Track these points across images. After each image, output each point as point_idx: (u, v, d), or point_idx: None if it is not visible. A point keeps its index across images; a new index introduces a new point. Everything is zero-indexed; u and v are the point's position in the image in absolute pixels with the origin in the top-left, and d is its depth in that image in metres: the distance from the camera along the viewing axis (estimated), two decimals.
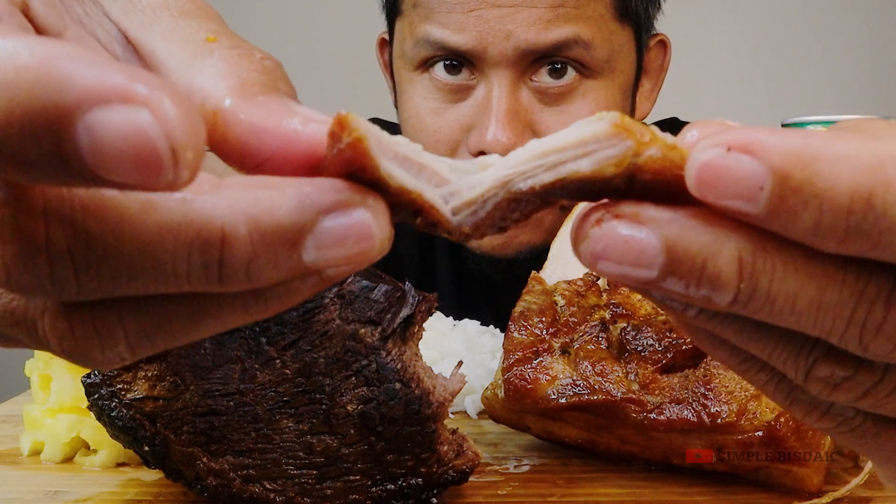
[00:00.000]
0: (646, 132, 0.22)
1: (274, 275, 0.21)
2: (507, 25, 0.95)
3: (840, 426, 0.25)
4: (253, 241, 0.20)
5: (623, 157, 0.21)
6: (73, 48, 0.18)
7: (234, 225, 0.20)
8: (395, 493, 0.54)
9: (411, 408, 0.54)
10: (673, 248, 0.21)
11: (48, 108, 0.18)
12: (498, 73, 0.97)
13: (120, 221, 0.20)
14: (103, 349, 0.22)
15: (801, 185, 0.20)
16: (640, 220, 0.21)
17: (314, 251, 0.21)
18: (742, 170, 0.20)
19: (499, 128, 0.95)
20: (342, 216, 0.21)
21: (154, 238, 0.20)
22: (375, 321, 0.55)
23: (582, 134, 0.22)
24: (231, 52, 0.24)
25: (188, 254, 0.20)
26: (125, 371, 0.53)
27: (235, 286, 0.21)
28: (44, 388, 0.67)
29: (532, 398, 0.61)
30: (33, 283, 0.21)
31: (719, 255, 0.21)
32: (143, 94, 0.18)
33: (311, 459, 0.53)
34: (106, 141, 0.18)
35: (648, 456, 0.62)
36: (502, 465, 0.65)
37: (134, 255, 0.20)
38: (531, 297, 0.67)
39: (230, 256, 0.20)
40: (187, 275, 0.20)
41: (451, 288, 1.22)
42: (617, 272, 0.22)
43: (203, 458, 0.52)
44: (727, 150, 0.20)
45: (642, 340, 0.62)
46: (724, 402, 0.58)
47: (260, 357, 0.53)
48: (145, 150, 0.18)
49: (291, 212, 0.21)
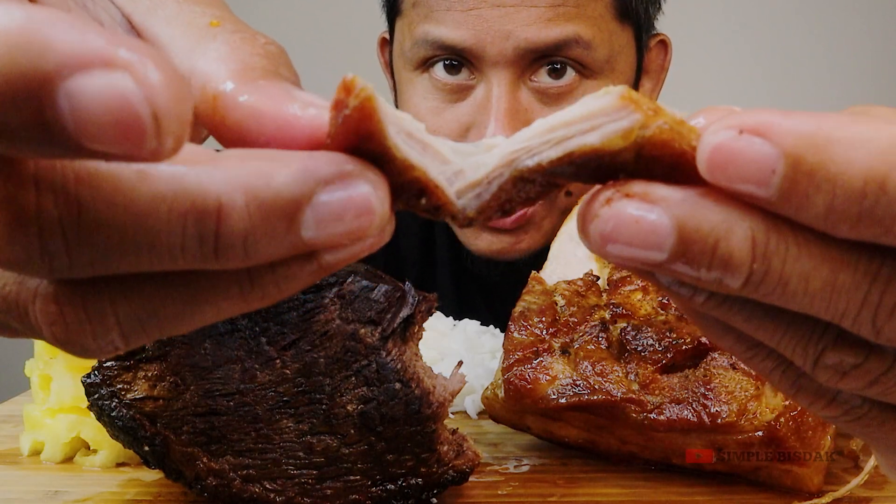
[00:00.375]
0: (654, 105, 0.21)
1: (272, 249, 0.20)
2: (506, 25, 0.95)
3: (846, 414, 0.25)
4: (250, 213, 0.20)
5: (631, 129, 0.21)
6: (54, 12, 0.17)
7: (230, 195, 0.19)
8: (395, 493, 0.54)
9: (411, 408, 0.54)
10: (684, 228, 0.21)
11: (28, 75, 0.17)
12: (497, 73, 0.97)
13: (113, 191, 0.19)
14: (95, 336, 0.22)
15: (813, 168, 0.20)
16: (651, 199, 0.21)
17: (313, 226, 0.20)
18: (754, 152, 0.20)
19: (498, 127, 0.95)
20: (342, 188, 0.20)
21: (148, 209, 0.19)
22: (375, 321, 0.55)
23: (589, 108, 0.22)
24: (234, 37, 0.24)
25: (183, 225, 0.19)
26: (125, 371, 0.53)
27: (232, 261, 0.20)
28: (44, 388, 0.67)
29: (532, 398, 0.61)
30: (23, 257, 0.20)
31: (732, 236, 0.21)
32: (125, 58, 0.17)
33: (311, 459, 0.53)
34: (87, 107, 0.17)
35: (648, 456, 0.62)
36: (502, 465, 0.65)
37: (127, 226, 0.19)
38: (531, 297, 0.67)
39: (227, 228, 0.20)
40: (182, 248, 0.20)
41: (451, 288, 1.22)
42: (626, 254, 0.21)
43: (203, 458, 0.52)
44: (739, 133, 0.20)
45: (642, 340, 0.62)
46: (724, 402, 0.58)
47: (260, 357, 0.53)
48: (126, 115, 0.17)
49: (290, 182, 0.20)
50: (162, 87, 0.17)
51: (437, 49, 0.99)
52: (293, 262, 0.21)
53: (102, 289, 0.21)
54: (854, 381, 0.23)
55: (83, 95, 0.17)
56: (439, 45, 0.98)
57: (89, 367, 0.53)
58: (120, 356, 0.52)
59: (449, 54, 0.99)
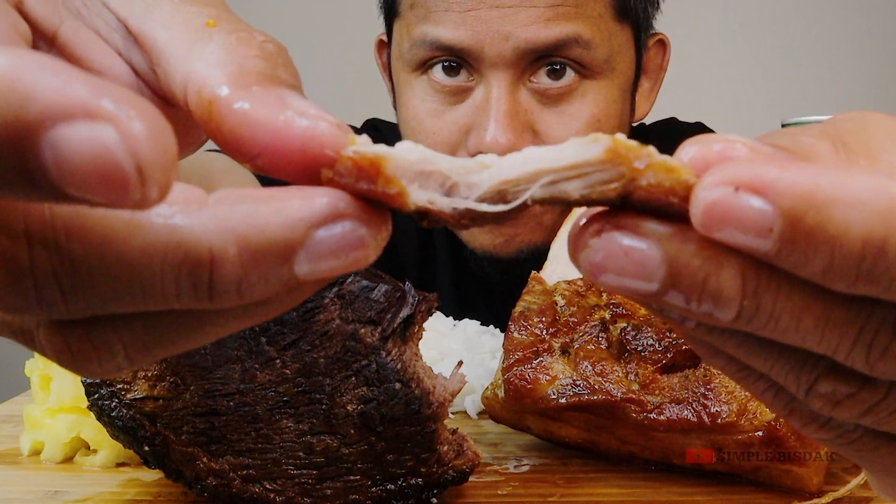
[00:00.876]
0: (642, 155, 0.21)
1: (265, 290, 0.21)
2: (505, 26, 0.95)
3: (839, 438, 0.25)
4: (243, 261, 0.20)
5: (617, 184, 0.21)
6: (38, 58, 0.17)
7: (222, 245, 0.20)
8: (395, 493, 0.54)
9: (411, 408, 0.54)
10: (674, 262, 0.21)
11: (10, 124, 0.17)
12: (497, 74, 0.97)
13: (103, 244, 0.20)
14: (101, 362, 0.22)
15: (812, 229, 0.19)
16: (641, 232, 0.21)
17: (306, 264, 0.20)
18: (751, 211, 0.19)
19: (498, 129, 0.95)
20: (333, 227, 0.21)
21: (140, 260, 0.20)
22: (375, 321, 0.55)
23: (576, 158, 0.22)
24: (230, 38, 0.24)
25: (177, 276, 0.20)
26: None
27: (227, 304, 0.21)
28: (44, 388, 0.67)
29: (532, 398, 0.61)
30: (22, 305, 0.20)
31: (722, 272, 0.20)
32: (108, 110, 0.17)
33: (311, 459, 0.53)
34: (70, 158, 0.17)
35: (648, 456, 0.62)
36: (502, 465, 0.65)
37: (120, 276, 0.20)
38: (531, 297, 0.67)
39: (220, 277, 0.20)
40: (177, 295, 0.20)
41: (451, 288, 1.22)
42: (617, 284, 0.21)
43: (203, 458, 0.52)
44: (735, 190, 0.20)
45: (642, 340, 0.62)
46: (724, 402, 0.58)
47: (260, 357, 0.53)
48: (109, 168, 0.17)
49: (281, 227, 0.20)
50: (145, 138, 0.17)
51: (435, 50, 0.99)
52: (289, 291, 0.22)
53: (105, 322, 0.21)
54: (848, 410, 0.23)
55: (66, 146, 0.17)
56: (438, 46, 0.98)
57: None
58: None
59: (447, 55, 0.99)
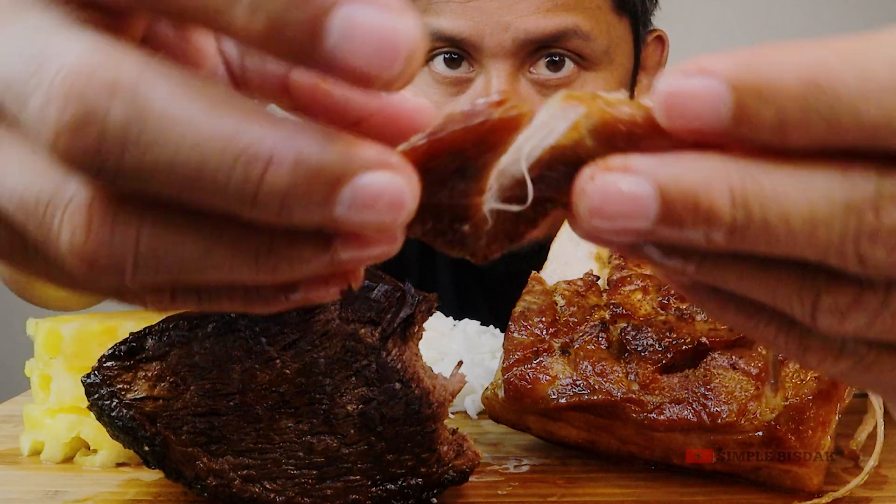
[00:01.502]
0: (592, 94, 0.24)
1: (304, 215, 0.21)
2: (505, 17, 0.96)
3: (856, 365, 0.26)
4: (296, 172, 0.21)
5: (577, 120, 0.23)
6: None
7: (283, 151, 0.21)
8: (395, 493, 0.54)
9: (411, 408, 0.54)
10: (665, 189, 0.22)
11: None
12: (496, 65, 0.98)
13: (183, 104, 0.21)
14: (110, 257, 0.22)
15: (755, 86, 0.22)
16: (631, 168, 0.23)
17: (347, 205, 0.21)
18: (702, 88, 0.22)
19: None
20: (381, 176, 0.22)
21: (208, 136, 0.21)
22: (375, 321, 0.55)
23: (541, 118, 0.24)
24: None
25: (234, 162, 0.21)
26: (125, 371, 0.52)
27: (265, 214, 0.21)
28: (44, 388, 0.67)
29: (532, 398, 0.61)
30: (81, 148, 0.21)
31: (711, 188, 0.22)
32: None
33: (311, 459, 0.53)
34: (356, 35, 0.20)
35: (648, 456, 0.62)
36: (502, 465, 0.65)
37: (183, 145, 0.21)
38: (531, 297, 0.67)
39: (270, 178, 0.21)
40: (225, 185, 0.21)
41: (451, 288, 1.22)
42: (615, 227, 0.23)
43: (203, 458, 0.52)
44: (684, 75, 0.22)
45: (642, 340, 0.62)
46: (724, 402, 0.58)
47: (260, 357, 0.53)
48: (388, 44, 0.20)
49: (338, 156, 0.21)
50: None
51: (435, 41, 1.00)
52: (311, 246, 0.23)
53: (134, 211, 0.22)
54: (854, 320, 0.24)
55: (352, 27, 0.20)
56: (438, 37, 0.99)
57: (89, 368, 0.53)
58: (119, 356, 0.52)
59: (448, 46, 1.00)
